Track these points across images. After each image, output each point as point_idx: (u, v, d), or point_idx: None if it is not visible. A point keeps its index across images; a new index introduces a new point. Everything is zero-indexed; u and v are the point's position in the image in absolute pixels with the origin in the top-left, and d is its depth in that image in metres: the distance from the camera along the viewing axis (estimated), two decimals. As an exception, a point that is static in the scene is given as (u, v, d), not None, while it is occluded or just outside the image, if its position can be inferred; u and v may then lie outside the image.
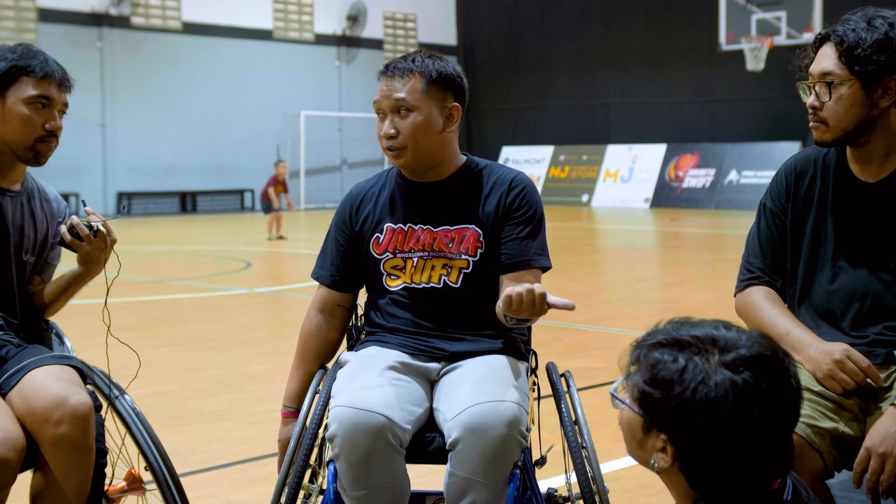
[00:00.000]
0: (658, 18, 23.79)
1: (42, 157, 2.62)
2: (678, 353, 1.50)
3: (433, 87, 2.56)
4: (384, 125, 2.57)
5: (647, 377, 1.51)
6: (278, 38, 24.22)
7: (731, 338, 1.50)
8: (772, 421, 1.47)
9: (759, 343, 1.50)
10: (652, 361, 1.51)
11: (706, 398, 1.45)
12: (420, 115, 2.54)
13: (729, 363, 1.47)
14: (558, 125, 25.55)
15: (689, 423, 1.46)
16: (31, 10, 20.48)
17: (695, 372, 1.46)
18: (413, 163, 2.59)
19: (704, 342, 1.50)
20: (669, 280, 10.72)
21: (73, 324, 3.32)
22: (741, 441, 1.45)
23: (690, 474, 1.51)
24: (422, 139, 2.56)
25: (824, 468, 2.15)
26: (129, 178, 21.76)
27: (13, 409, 2.34)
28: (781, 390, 1.48)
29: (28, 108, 2.57)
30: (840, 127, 2.30)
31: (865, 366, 2.23)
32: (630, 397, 1.55)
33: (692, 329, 1.53)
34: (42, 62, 2.59)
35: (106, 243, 2.59)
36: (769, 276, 2.47)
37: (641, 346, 1.55)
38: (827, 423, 2.18)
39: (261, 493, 3.69)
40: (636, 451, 1.57)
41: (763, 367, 1.47)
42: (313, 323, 2.72)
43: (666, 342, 1.52)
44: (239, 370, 5.95)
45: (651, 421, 1.51)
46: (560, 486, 2.72)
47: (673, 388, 1.47)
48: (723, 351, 1.48)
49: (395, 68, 2.58)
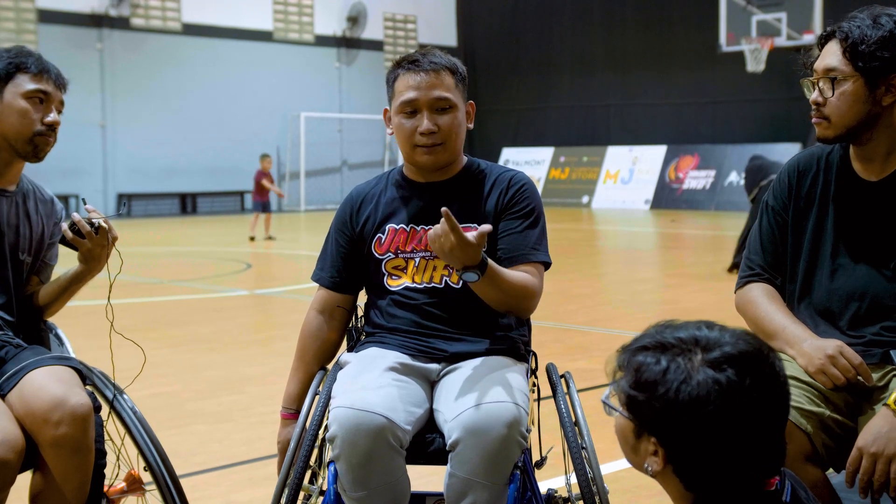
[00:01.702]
0: (658, 20, 23.80)
1: (41, 152, 2.64)
2: (661, 354, 1.50)
3: (461, 85, 2.60)
4: (423, 122, 2.54)
5: (631, 381, 1.52)
6: (278, 39, 24.23)
7: (714, 337, 1.51)
8: (759, 417, 1.47)
9: (742, 340, 1.50)
10: (636, 365, 1.52)
11: (689, 397, 1.45)
12: (458, 111, 2.58)
13: (711, 361, 1.47)
14: (558, 127, 25.56)
15: (676, 424, 1.47)
16: (31, 11, 20.48)
17: (677, 372, 1.47)
18: (445, 160, 2.60)
19: (687, 343, 1.51)
20: (670, 281, 10.72)
21: (72, 325, 3.31)
22: (729, 438, 1.46)
23: (684, 476, 1.51)
24: (457, 136, 2.59)
25: (812, 449, 2.15)
26: (130, 179, 21.76)
27: (12, 409, 2.34)
28: (767, 386, 1.48)
29: (26, 102, 2.60)
30: (842, 123, 2.30)
31: (857, 363, 2.23)
32: (619, 403, 1.55)
33: (675, 331, 1.54)
34: (37, 60, 2.64)
35: (107, 240, 2.60)
36: (769, 274, 2.48)
37: (626, 352, 1.56)
38: (813, 407, 2.20)
39: (261, 494, 3.69)
40: (631, 456, 1.58)
41: (746, 363, 1.47)
42: (313, 324, 2.72)
43: (649, 345, 1.53)
44: (239, 371, 5.95)
45: (640, 425, 1.52)
46: (560, 487, 2.71)
47: (657, 389, 1.48)
48: (705, 350, 1.49)
49: (428, 62, 2.56)
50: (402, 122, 2.57)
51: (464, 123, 2.61)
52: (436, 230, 2.28)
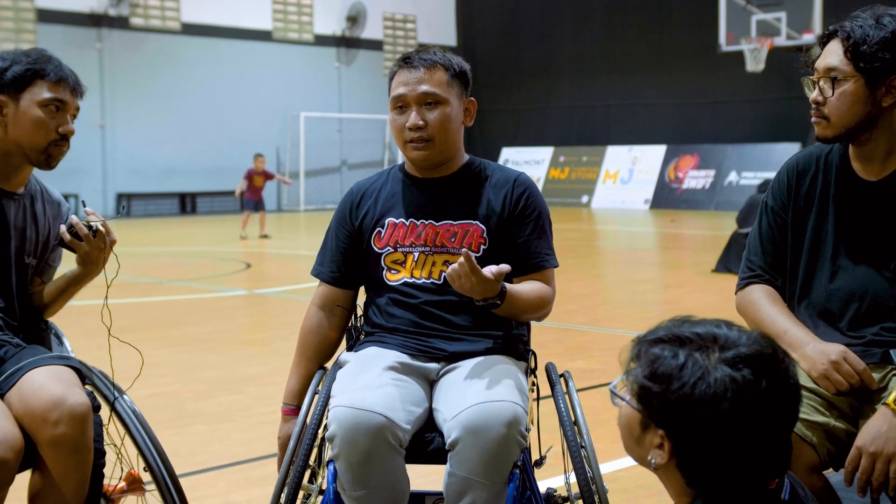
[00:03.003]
0: (658, 20, 23.80)
1: (53, 161, 2.63)
2: (678, 348, 1.50)
3: (455, 81, 2.60)
4: (410, 117, 2.56)
5: (647, 372, 1.51)
6: (278, 38, 24.22)
7: (732, 336, 1.51)
8: (770, 419, 1.47)
9: (759, 342, 1.50)
10: (652, 357, 1.51)
11: (705, 394, 1.45)
12: (448, 107, 2.57)
13: (729, 360, 1.47)
14: (558, 126, 25.56)
15: (687, 419, 1.47)
16: (30, 10, 20.47)
17: (694, 368, 1.47)
18: (436, 156, 2.60)
19: (705, 339, 1.50)
20: (669, 281, 10.72)
21: (72, 325, 3.31)
22: (739, 438, 1.46)
23: (687, 471, 1.51)
24: (448, 132, 2.58)
25: (818, 461, 2.15)
26: (129, 179, 21.75)
27: (11, 409, 2.34)
28: (781, 389, 1.48)
29: (42, 111, 2.58)
30: (841, 123, 2.30)
31: (861, 368, 2.23)
32: (630, 393, 1.55)
33: (693, 326, 1.54)
34: (56, 66, 2.61)
35: (105, 243, 2.59)
36: (770, 275, 2.47)
37: (642, 343, 1.56)
38: (818, 417, 2.19)
39: (260, 493, 3.69)
40: (634, 448, 1.57)
41: (763, 365, 1.47)
42: (314, 320, 2.72)
43: (667, 338, 1.53)
44: (238, 371, 5.95)
45: (649, 416, 1.51)
46: (559, 486, 2.71)
47: (672, 383, 1.48)
48: (723, 348, 1.49)
49: (419, 59, 2.58)
50: (394, 117, 2.61)
51: (457, 119, 2.61)
52: (455, 270, 2.31)
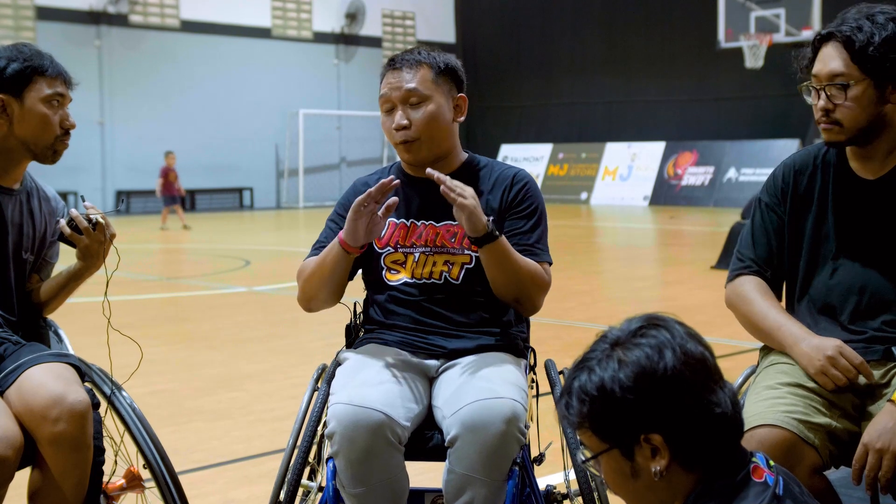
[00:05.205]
0: (657, 17, 23.80)
1: (58, 155, 2.67)
2: (586, 371, 1.60)
3: (442, 78, 2.58)
4: (395, 117, 2.56)
5: (585, 409, 1.58)
6: (277, 36, 24.21)
7: (615, 330, 1.65)
8: (701, 374, 1.55)
9: (638, 320, 1.63)
10: (577, 396, 1.59)
11: (669, 371, 1.54)
12: (432, 104, 2.55)
13: (624, 343, 1.60)
14: (557, 123, 25.56)
15: (674, 402, 1.54)
16: (30, 7, 20.47)
17: (606, 369, 1.58)
18: (426, 156, 2.58)
19: (600, 352, 1.62)
20: (668, 278, 10.73)
21: (71, 322, 3.31)
22: (700, 399, 1.54)
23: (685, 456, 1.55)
24: (434, 130, 2.56)
25: (820, 462, 2.15)
26: (128, 176, 21.74)
27: (11, 406, 2.34)
28: (687, 345, 1.57)
29: (46, 107, 2.60)
30: (855, 127, 2.29)
31: (858, 362, 2.22)
32: (592, 450, 1.61)
33: (586, 357, 1.64)
34: (51, 61, 2.64)
35: (105, 236, 2.60)
36: (759, 266, 2.47)
37: (560, 402, 1.64)
38: (820, 418, 2.18)
39: (259, 491, 3.69)
40: (633, 484, 1.60)
41: (651, 326, 1.62)
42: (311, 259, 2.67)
43: (571, 378, 1.62)
44: (238, 369, 5.95)
45: (619, 439, 1.56)
46: (559, 483, 2.72)
47: (606, 389, 1.56)
48: (615, 345, 1.61)
49: (402, 60, 2.58)
50: (384, 119, 2.61)
51: (445, 116, 2.58)
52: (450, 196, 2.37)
